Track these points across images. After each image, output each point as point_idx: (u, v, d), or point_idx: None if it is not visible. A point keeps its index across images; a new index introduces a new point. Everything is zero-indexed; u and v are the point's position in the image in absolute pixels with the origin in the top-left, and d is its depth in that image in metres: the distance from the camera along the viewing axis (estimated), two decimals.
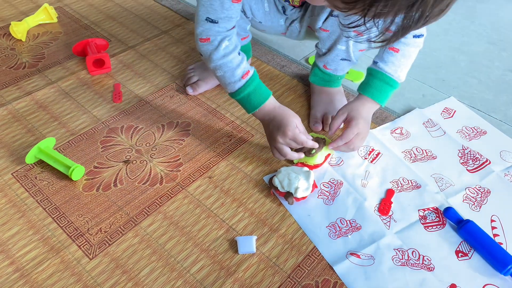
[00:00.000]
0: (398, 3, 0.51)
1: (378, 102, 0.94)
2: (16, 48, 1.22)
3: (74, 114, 1.04)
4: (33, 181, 0.89)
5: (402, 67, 0.93)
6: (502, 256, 0.78)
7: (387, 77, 0.93)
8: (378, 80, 0.93)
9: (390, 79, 0.93)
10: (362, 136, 0.92)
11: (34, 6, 1.37)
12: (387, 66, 0.92)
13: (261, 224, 0.84)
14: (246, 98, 0.88)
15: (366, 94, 0.94)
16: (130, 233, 0.82)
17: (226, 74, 0.87)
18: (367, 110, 0.94)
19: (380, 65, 0.93)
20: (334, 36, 0.96)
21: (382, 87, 0.93)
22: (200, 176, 0.92)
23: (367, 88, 0.94)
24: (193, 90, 1.09)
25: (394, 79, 0.93)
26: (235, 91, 0.88)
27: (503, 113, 1.13)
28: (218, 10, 0.83)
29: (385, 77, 0.93)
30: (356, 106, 0.93)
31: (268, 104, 0.89)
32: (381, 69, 0.93)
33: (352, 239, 0.82)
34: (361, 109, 0.93)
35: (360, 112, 0.92)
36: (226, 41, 0.86)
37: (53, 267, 0.76)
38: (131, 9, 1.41)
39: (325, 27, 0.94)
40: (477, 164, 0.97)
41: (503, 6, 1.58)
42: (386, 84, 0.93)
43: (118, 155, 0.95)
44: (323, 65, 1.03)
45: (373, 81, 0.94)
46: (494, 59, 1.33)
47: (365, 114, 0.93)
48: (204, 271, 0.77)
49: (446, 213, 0.86)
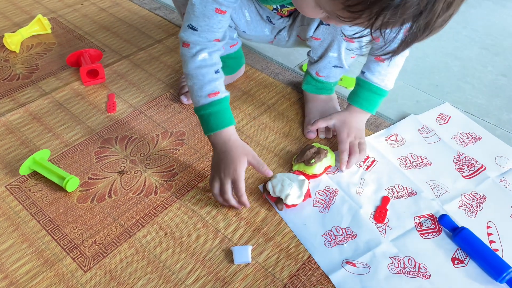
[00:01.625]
0: (406, 12, 0.49)
1: (368, 111, 0.97)
2: (10, 59, 1.22)
3: (68, 125, 1.03)
4: (27, 193, 0.88)
5: (389, 76, 0.94)
6: (498, 264, 0.78)
7: (375, 87, 0.94)
8: (366, 90, 0.95)
9: (378, 89, 0.95)
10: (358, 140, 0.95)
11: (28, 17, 1.37)
12: (374, 76, 0.94)
13: (257, 233, 0.84)
14: (206, 118, 0.85)
15: (355, 104, 0.97)
16: (125, 244, 0.81)
17: (195, 86, 0.84)
18: (356, 120, 0.97)
19: (367, 75, 0.94)
20: (326, 44, 0.96)
21: (370, 96, 0.96)
22: (195, 185, 0.92)
23: (355, 99, 0.97)
24: (187, 99, 1.09)
25: (381, 88, 0.94)
26: (198, 106, 0.85)
27: (496, 117, 1.14)
28: (199, 18, 0.82)
29: (372, 87, 0.94)
30: (343, 117, 0.97)
31: (225, 132, 0.84)
32: (368, 79, 0.94)
33: (348, 248, 0.82)
34: (348, 119, 0.96)
35: (347, 122, 0.96)
36: (205, 53, 0.84)
37: (47, 280, 0.76)
38: (124, 19, 1.41)
39: (316, 36, 0.94)
40: (472, 170, 0.97)
41: (495, 11, 1.59)
42: (374, 94, 0.95)
43: (113, 166, 0.94)
44: (316, 73, 1.03)
45: (361, 92, 0.96)
46: (487, 63, 1.34)
47: (354, 124, 0.96)
48: (200, 281, 0.77)
49: (441, 220, 0.85)
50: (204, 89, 0.84)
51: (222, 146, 0.85)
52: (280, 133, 1.04)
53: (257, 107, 1.11)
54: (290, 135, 1.04)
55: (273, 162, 0.97)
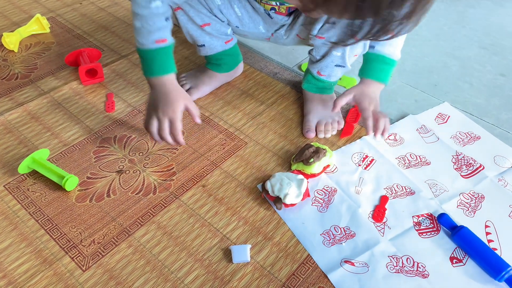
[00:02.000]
0: None
1: (381, 82, 0.99)
2: (8, 59, 1.22)
3: (67, 125, 1.03)
4: (26, 193, 0.88)
5: (397, 47, 0.97)
6: (497, 263, 0.78)
7: (387, 58, 0.97)
8: (378, 63, 0.98)
9: (389, 59, 0.97)
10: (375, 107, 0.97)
11: (27, 17, 1.37)
12: (385, 49, 0.96)
13: (255, 232, 0.84)
14: (150, 61, 0.88)
15: (370, 77, 0.99)
16: (124, 244, 0.81)
17: (144, 30, 0.85)
18: (373, 90, 0.99)
19: (378, 48, 0.96)
20: (329, 43, 0.96)
21: (383, 68, 0.98)
22: (194, 185, 0.92)
23: (369, 72, 0.99)
24: None
25: (392, 58, 0.97)
26: (143, 49, 0.88)
27: (495, 117, 1.14)
28: None
29: (384, 58, 0.97)
30: (361, 89, 0.98)
31: (167, 77, 0.89)
32: (379, 52, 0.96)
33: (346, 247, 0.82)
34: (366, 90, 0.98)
35: (366, 93, 0.97)
36: (159, 2, 0.84)
37: (46, 279, 0.75)
38: (123, 18, 1.41)
39: (321, 34, 0.94)
40: (471, 169, 0.97)
41: (494, 11, 1.59)
42: (386, 65, 0.98)
43: (111, 165, 0.94)
44: (317, 71, 1.03)
45: (374, 65, 0.98)
46: (486, 63, 1.34)
47: (371, 94, 0.98)
48: (199, 281, 0.77)
49: (440, 219, 0.86)
50: (153, 35, 0.86)
51: (161, 87, 0.89)
52: (278, 133, 1.04)
53: (256, 106, 1.11)
54: (289, 135, 1.04)
55: (272, 161, 0.97)
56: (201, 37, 1.03)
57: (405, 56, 1.33)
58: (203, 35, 1.02)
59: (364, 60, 1.00)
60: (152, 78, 0.89)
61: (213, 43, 1.05)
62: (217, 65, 1.11)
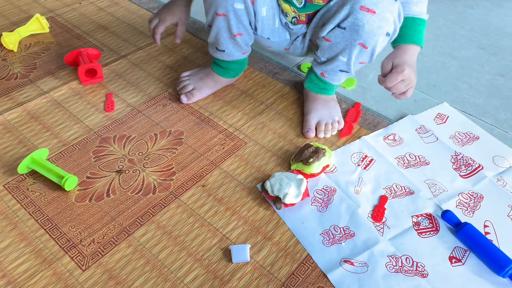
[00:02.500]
0: None
1: (417, 44, 0.96)
2: (7, 58, 1.22)
3: (66, 125, 1.03)
4: (25, 192, 0.88)
5: (423, 7, 0.97)
6: (501, 258, 0.79)
7: (417, 19, 0.96)
8: (410, 25, 0.95)
9: (419, 20, 0.96)
10: (408, 83, 0.91)
11: (26, 17, 1.37)
12: (412, 10, 0.95)
13: (255, 232, 0.84)
14: None
15: (406, 42, 0.95)
16: (123, 243, 0.81)
17: None
18: (412, 57, 0.94)
19: (405, 11, 0.94)
20: (336, 48, 0.94)
21: (416, 29, 0.96)
22: (194, 185, 0.92)
23: (403, 37, 0.95)
24: (187, 99, 1.09)
25: (422, 18, 0.96)
26: None
27: (494, 117, 1.14)
28: None
29: (415, 19, 0.96)
30: (398, 55, 0.93)
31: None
32: (408, 14, 0.94)
33: (346, 247, 0.82)
34: (404, 56, 0.93)
35: (405, 59, 0.92)
36: None
37: (45, 279, 0.75)
38: (123, 18, 1.41)
39: (328, 37, 0.93)
40: (469, 169, 0.98)
41: (492, 11, 1.60)
42: (418, 25, 0.96)
43: (111, 165, 0.94)
44: (321, 73, 1.03)
45: (406, 28, 0.94)
46: (484, 63, 1.34)
47: (410, 61, 0.93)
48: (198, 280, 0.77)
49: (444, 216, 0.86)
50: None
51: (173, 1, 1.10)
52: (278, 133, 1.04)
53: (255, 106, 1.11)
54: (288, 135, 1.04)
55: (272, 161, 0.98)
56: (226, 44, 1.02)
57: None
58: (229, 43, 1.02)
59: None
60: None
61: (233, 52, 1.05)
62: (224, 69, 1.11)
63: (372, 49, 0.92)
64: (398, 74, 0.89)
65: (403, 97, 0.93)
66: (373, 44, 0.90)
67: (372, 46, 0.91)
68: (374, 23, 0.87)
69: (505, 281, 0.78)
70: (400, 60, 0.91)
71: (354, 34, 0.89)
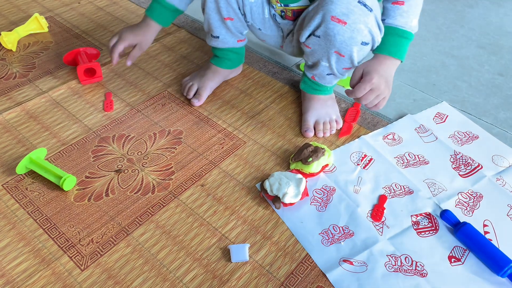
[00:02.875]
0: None
1: (396, 58, 0.90)
2: (6, 58, 1.22)
3: (65, 124, 1.03)
4: (24, 192, 0.88)
5: (411, 17, 0.90)
6: (500, 258, 0.79)
7: (400, 30, 0.89)
8: (391, 36, 0.90)
9: (403, 31, 0.90)
10: (378, 93, 0.87)
11: (25, 16, 1.37)
12: (396, 20, 0.89)
13: (254, 231, 0.84)
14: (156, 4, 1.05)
15: (381, 52, 0.90)
16: (122, 243, 0.81)
17: None
18: (385, 69, 0.89)
19: (388, 21, 0.90)
20: (317, 55, 0.94)
21: (396, 41, 0.90)
22: (193, 184, 0.92)
23: (381, 47, 0.90)
24: (198, 100, 1.09)
25: (406, 30, 0.90)
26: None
27: (493, 116, 1.14)
28: None
29: (397, 30, 0.90)
30: (371, 63, 0.89)
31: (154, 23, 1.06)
32: (391, 24, 0.90)
33: (345, 246, 0.82)
34: (377, 65, 0.88)
35: (376, 69, 0.87)
36: None
37: (44, 279, 0.75)
38: (122, 17, 1.41)
39: (307, 44, 0.93)
40: (469, 169, 0.98)
41: (492, 11, 1.60)
42: (400, 37, 0.90)
43: (110, 165, 0.94)
44: (312, 76, 1.03)
45: (386, 38, 0.90)
46: (484, 63, 1.34)
47: (381, 71, 0.88)
48: (197, 280, 0.77)
49: (443, 216, 0.86)
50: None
51: (143, 23, 1.07)
52: (277, 132, 1.04)
53: (254, 106, 1.11)
54: (287, 134, 1.04)
55: (271, 161, 0.97)
56: (219, 29, 1.04)
57: None
58: (221, 27, 1.04)
59: None
60: (147, 14, 1.06)
61: (227, 38, 1.06)
62: (221, 60, 1.11)
63: (349, 57, 0.89)
64: (366, 83, 0.85)
65: (374, 109, 0.90)
66: (348, 53, 0.88)
67: (348, 55, 0.89)
68: (345, 34, 0.84)
69: (504, 281, 0.78)
70: (370, 68, 0.87)
71: (328, 43, 0.88)
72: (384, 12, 0.92)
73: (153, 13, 1.05)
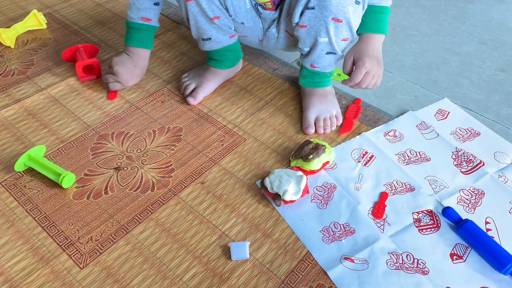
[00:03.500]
0: None
1: (379, 33, 0.96)
2: (4, 55, 1.21)
3: (64, 121, 1.02)
4: (23, 190, 0.88)
5: None
6: (502, 255, 0.78)
7: (376, 7, 0.95)
8: (370, 14, 0.95)
9: (380, 7, 0.95)
10: (373, 73, 0.93)
11: (23, 13, 1.36)
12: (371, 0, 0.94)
13: (254, 229, 0.83)
14: (133, 32, 1.04)
15: (365, 31, 0.96)
16: (122, 241, 0.81)
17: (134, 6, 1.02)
18: (372, 47, 0.95)
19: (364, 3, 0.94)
20: (314, 31, 0.94)
21: (376, 17, 0.95)
22: (192, 181, 0.91)
23: (362, 26, 0.96)
24: (194, 99, 1.08)
25: (382, 5, 0.95)
26: (130, 21, 1.04)
27: (495, 113, 1.13)
28: None
29: (374, 8, 0.95)
30: (359, 47, 0.94)
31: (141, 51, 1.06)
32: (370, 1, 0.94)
33: (346, 244, 0.81)
34: (364, 48, 0.94)
35: (365, 51, 0.93)
36: None
37: (43, 277, 0.75)
38: (121, 14, 1.40)
39: (302, 23, 0.93)
40: (471, 166, 0.97)
41: (494, 6, 1.59)
42: (378, 13, 0.95)
43: (109, 162, 0.94)
44: (310, 65, 1.02)
45: (366, 17, 0.95)
46: (486, 59, 1.33)
47: (370, 51, 0.94)
48: (197, 278, 0.76)
49: (445, 213, 0.85)
50: (140, 13, 1.02)
51: (132, 55, 1.06)
52: (277, 129, 1.04)
53: (254, 102, 1.10)
54: (288, 131, 1.03)
55: (271, 158, 0.97)
56: (209, 31, 1.03)
57: (405, 52, 1.33)
58: (211, 28, 1.02)
59: None
60: (130, 46, 1.05)
61: (219, 37, 1.05)
62: (220, 62, 1.10)
63: (347, 22, 0.91)
64: (361, 68, 0.91)
65: (373, 87, 0.96)
66: (346, 16, 0.90)
67: (346, 18, 0.90)
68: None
69: (506, 278, 0.78)
70: (359, 53, 0.93)
71: (324, 10, 0.89)
72: None
73: (139, 41, 1.05)
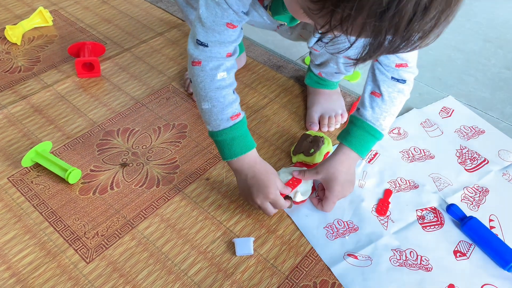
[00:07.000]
0: (366, 6, 0.43)
1: (359, 154, 0.83)
2: (11, 52, 1.22)
3: (70, 118, 1.03)
4: (29, 185, 0.88)
5: (385, 115, 0.82)
6: (506, 252, 0.79)
7: (368, 126, 0.82)
8: (359, 129, 0.83)
9: (372, 128, 0.82)
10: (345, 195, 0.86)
11: (29, 10, 1.37)
12: (368, 112, 0.82)
13: (259, 225, 0.84)
14: (229, 142, 0.78)
15: (345, 142, 0.83)
16: (127, 236, 0.81)
17: (214, 109, 0.77)
18: (347, 167, 0.83)
19: (361, 111, 0.83)
20: (325, 57, 0.95)
21: (363, 136, 0.83)
22: (197, 178, 0.92)
23: (347, 137, 0.84)
24: None
25: (376, 128, 0.82)
26: (218, 131, 0.78)
27: (500, 111, 1.13)
28: (208, 33, 0.74)
29: (366, 125, 0.82)
30: (333, 165, 0.83)
31: (249, 156, 0.79)
32: (362, 116, 0.83)
33: (350, 240, 0.82)
34: (340, 167, 0.83)
35: (337, 175, 0.82)
36: (223, 72, 0.76)
37: (49, 271, 0.76)
38: (126, 11, 1.40)
39: (315, 47, 0.91)
40: (475, 163, 0.97)
41: (499, 4, 1.58)
42: (368, 134, 0.83)
43: (115, 158, 0.94)
44: (319, 73, 1.03)
45: (353, 130, 0.83)
46: (491, 56, 1.33)
47: (344, 175, 0.83)
48: (202, 273, 0.77)
49: (449, 209, 0.86)
50: (226, 112, 0.77)
51: (248, 171, 0.80)
52: (282, 126, 1.04)
53: (259, 100, 1.11)
54: (292, 128, 1.04)
55: (275, 155, 0.97)
56: None
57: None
58: None
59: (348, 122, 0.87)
60: (235, 160, 0.79)
61: None
62: None
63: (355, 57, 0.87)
64: (334, 199, 0.84)
65: None
66: None
67: None
68: None
69: (509, 275, 0.78)
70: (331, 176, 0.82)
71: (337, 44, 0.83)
72: (361, 99, 0.86)
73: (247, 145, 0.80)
